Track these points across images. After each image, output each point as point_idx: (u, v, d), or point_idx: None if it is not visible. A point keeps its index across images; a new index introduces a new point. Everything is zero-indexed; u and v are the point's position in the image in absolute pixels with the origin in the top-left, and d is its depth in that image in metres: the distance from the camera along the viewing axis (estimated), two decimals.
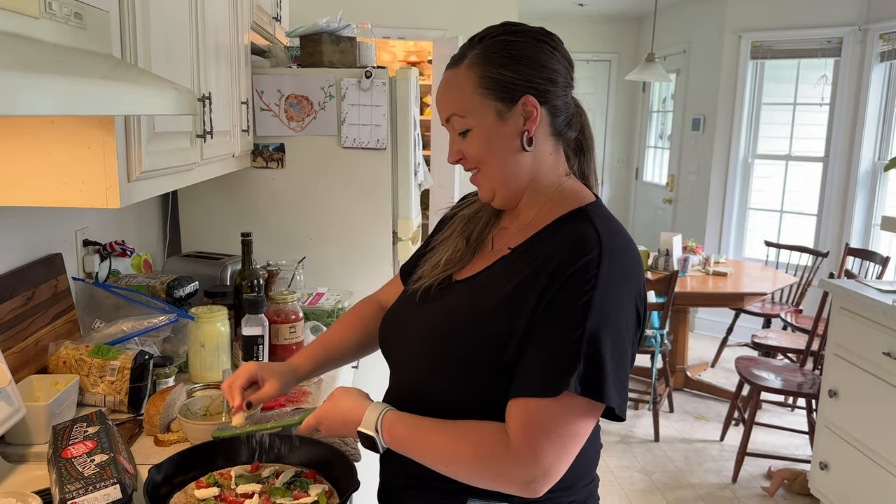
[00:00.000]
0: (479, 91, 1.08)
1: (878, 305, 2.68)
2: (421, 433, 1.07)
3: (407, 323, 1.21)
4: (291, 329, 1.90)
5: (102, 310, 1.77)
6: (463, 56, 1.11)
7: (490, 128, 1.09)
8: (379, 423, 1.09)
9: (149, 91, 1.07)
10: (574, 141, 1.17)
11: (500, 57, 1.08)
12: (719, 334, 5.23)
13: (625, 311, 1.02)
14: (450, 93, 1.12)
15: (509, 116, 1.08)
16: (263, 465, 1.29)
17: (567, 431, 0.99)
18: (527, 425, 0.99)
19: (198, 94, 1.66)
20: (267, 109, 2.40)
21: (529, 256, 1.08)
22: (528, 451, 0.98)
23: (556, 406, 0.98)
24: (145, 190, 1.42)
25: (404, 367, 1.20)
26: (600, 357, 0.98)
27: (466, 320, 1.09)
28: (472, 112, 1.09)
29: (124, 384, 1.56)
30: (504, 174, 1.11)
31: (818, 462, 3.08)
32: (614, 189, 7.44)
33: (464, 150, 1.12)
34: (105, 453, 1.22)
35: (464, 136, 1.11)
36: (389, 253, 2.57)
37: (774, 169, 5.52)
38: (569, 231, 1.07)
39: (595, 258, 1.00)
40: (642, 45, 6.70)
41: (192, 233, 2.52)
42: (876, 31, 4.74)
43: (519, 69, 1.08)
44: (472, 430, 1.04)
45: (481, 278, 1.14)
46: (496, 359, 1.04)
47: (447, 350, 1.09)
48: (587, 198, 1.14)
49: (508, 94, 1.08)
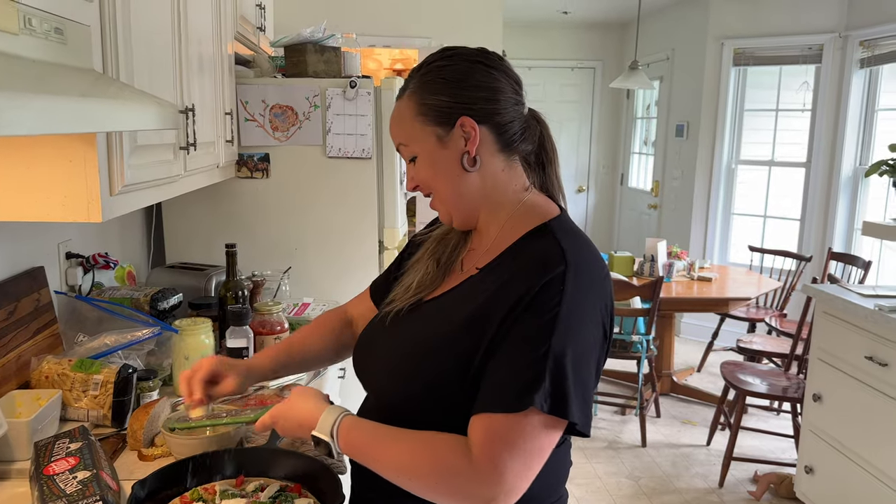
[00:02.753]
0: (419, 118, 1.11)
1: (860, 310, 2.71)
2: (378, 441, 1.05)
3: (377, 346, 1.21)
4: (276, 340, 1.89)
5: (85, 323, 1.76)
6: (406, 87, 1.15)
7: (432, 153, 1.12)
8: (335, 428, 1.07)
9: (130, 106, 1.06)
10: (533, 154, 1.16)
11: (434, 83, 1.11)
12: (705, 339, 5.26)
13: (590, 327, 1.02)
14: (395, 123, 1.16)
15: (448, 140, 1.10)
16: (248, 479, 1.28)
17: (530, 448, 0.97)
18: (490, 441, 0.97)
19: (181, 106, 1.66)
20: (251, 120, 2.40)
21: (495, 275, 1.08)
22: (490, 467, 0.96)
23: (520, 422, 0.96)
24: (128, 203, 1.41)
25: (376, 390, 1.20)
26: (565, 373, 0.97)
27: (434, 341, 1.09)
28: (414, 139, 1.13)
29: (108, 398, 1.55)
30: (453, 196, 1.14)
31: (803, 466, 3.10)
32: (600, 195, 7.47)
33: (415, 176, 1.16)
34: (88, 470, 1.21)
35: (413, 162, 1.15)
36: (375, 262, 2.57)
37: (758, 174, 5.56)
38: (532, 249, 1.07)
39: (560, 275, 1.00)
40: (626, 52, 6.75)
41: (176, 244, 2.50)
42: (856, 39, 4.80)
43: (453, 92, 1.10)
44: (431, 442, 1.02)
45: (449, 299, 1.14)
46: (461, 378, 1.03)
47: (416, 372, 1.09)
48: (551, 212, 1.13)
49: (445, 118, 1.10)
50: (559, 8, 6.17)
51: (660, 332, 4.53)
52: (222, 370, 1.29)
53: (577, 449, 3.70)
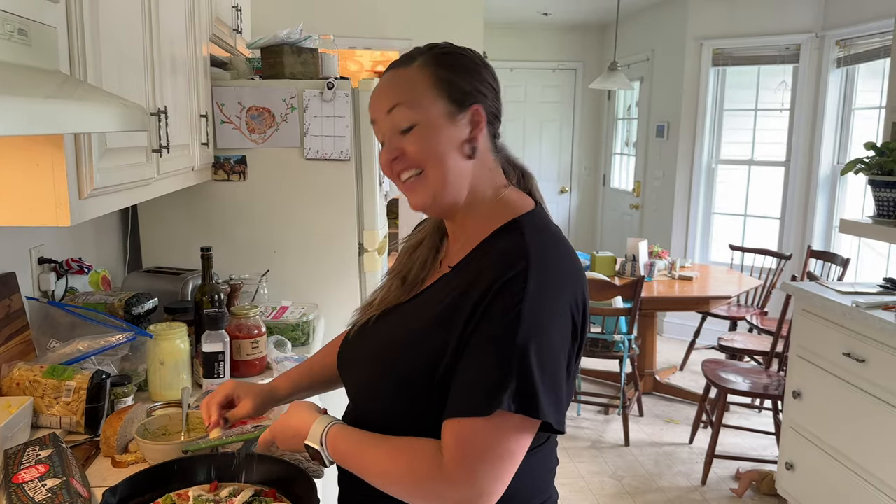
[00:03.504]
0: (433, 89, 1.07)
1: (838, 307, 2.73)
2: (361, 448, 1.07)
3: (355, 346, 1.21)
4: (254, 344, 1.88)
5: (58, 329, 1.74)
6: (413, 57, 1.10)
7: (438, 125, 1.06)
8: (324, 437, 1.09)
9: (95, 108, 1.05)
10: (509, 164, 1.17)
11: (452, 64, 1.09)
12: (687, 337, 5.29)
13: (558, 323, 0.99)
14: (397, 86, 1.09)
15: (458, 120, 1.07)
16: (222, 484, 1.27)
17: (502, 451, 0.96)
18: (459, 446, 0.96)
19: (153, 108, 1.64)
20: (228, 122, 2.38)
21: (464, 273, 1.07)
22: (461, 472, 0.95)
23: (488, 425, 0.95)
24: (98, 207, 1.39)
25: (353, 391, 1.20)
26: (532, 372, 0.95)
27: (403, 341, 1.09)
28: (422, 106, 1.06)
29: (80, 405, 1.53)
30: (447, 177, 1.07)
31: (784, 462, 3.12)
32: (582, 196, 7.49)
33: (405, 148, 1.07)
34: (57, 477, 1.20)
35: (406, 132, 1.07)
36: (356, 264, 2.56)
37: (737, 174, 5.60)
38: (499, 245, 1.06)
39: (522, 271, 0.98)
40: (606, 53, 6.77)
41: (153, 248, 2.48)
42: (832, 38, 4.85)
43: (469, 79, 1.09)
44: (407, 448, 1.03)
45: (422, 297, 1.14)
46: (431, 377, 1.03)
47: (385, 371, 1.09)
48: (523, 207, 1.12)
49: (461, 99, 1.07)
50: (539, 9, 6.19)
51: (642, 331, 4.54)
52: (238, 393, 1.31)
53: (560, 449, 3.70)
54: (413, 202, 1.11)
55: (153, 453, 1.37)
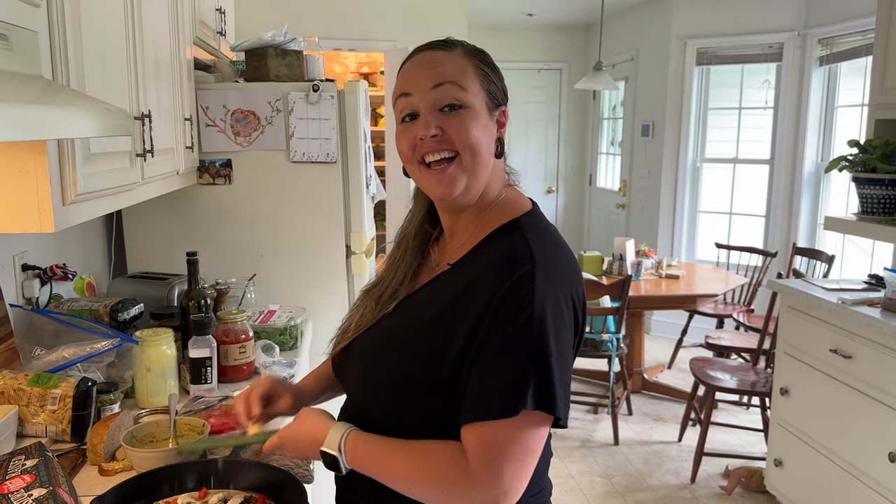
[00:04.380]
0: (478, 79, 1.09)
1: (824, 304, 2.75)
2: (383, 453, 1.06)
3: (352, 343, 1.20)
4: (241, 349, 1.86)
5: (43, 336, 1.71)
6: (453, 43, 1.11)
7: (482, 114, 1.08)
8: (342, 443, 1.07)
9: (78, 113, 1.03)
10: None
11: (489, 63, 1.12)
12: (674, 336, 5.31)
13: (565, 321, 1.02)
14: (446, 65, 1.06)
15: (493, 116, 1.11)
16: (211, 491, 1.25)
17: (524, 448, 0.98)
18: (485, 449, 0.98)
19: (136, 112, 1.63)
20: (212, 125, 2.37)
21: (465, 273, 1.07)
22: (487, 474, 0.97)
23: (512, 426, 0.97)
24: (82, 213, 1.38)
25: (350, 389, 1.20)
26: (549, 370, 0.97)
27: (401, 339, 1.09)
28: (471, 91, 1.07)
29: (66, 413, 1.51)
30: (479, 168, 1.07)
31: (773, 459, 3.14)
32: (569, 196, 7.51)
33: (447, 128, 1.04)
34: (44, 487, 1.18)
35: (452, 109, 1.04)
36: (343, 267, 2.55)
37: (722, 172, 5.64)
38: (500, 245, 1.06)
39: (529, 271, 1.00)
40: (591, 53, 6.80)
41: (138, 253, 2.46)
42: (814, 37, 4.89)
43: (497, 79, 1.12)
44: (431, 452, 1.03)
45: (421, 295, 1.14)
46: (432, 378, 1.03)
47: (382, 370, 1.09)
48: (523, 207, 1.13)
49: (496, 96, 1.11)
50: (524, 10, 6.20)
51: (630, 330, 4.56)
52: (279, 389, 1.29)
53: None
54: (441, 189, 1.07)
55: (141, 461, 1.36)
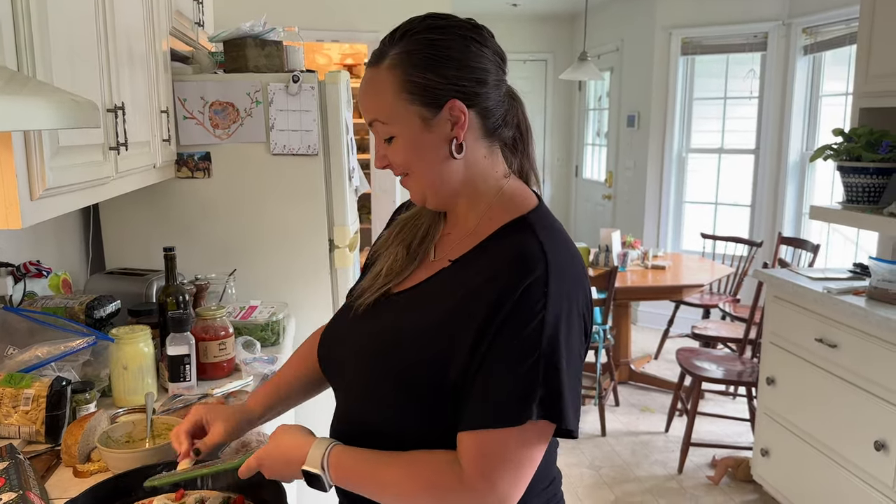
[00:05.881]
0: (402, 96, 1.00)
1: (809, 293, 2.75)
2: (371, 465, 1.01)
3: (344, 341, 1.14)
4: (221, 346, 1.83)
5: (15, 335, 1.67)
6: (384, 54, 1.03)
7: (415, 136, 1.02)
8: (325, 460, 1.02)
9: (42, 104, 0.99)
10: (511, 138, 1.10)
11: (423, 58, 1.00)
12: (661, 326, 5.31)
13: (575, 327, 0.98)
14: (371, 96, 1.04)
15: (435, 123, 1.01)
16: (188, 492, 1.22)
17: (524, 458, 0.95)
18: (483, 457, 0.94)
19: (109, 104, 1.58)
20: (190, 117, 2.32)
21: (471, 271, 1.02)
22: (483, 482, 0.94)
23: (514, 435, 0.94)
24: (52, 208, 1.34)
25: (343, 389, 1.14)
26: (558, 379, 0.94)
27: (403, 337, 1.03)
28: (395, 119, 1.02)
29: (40, 413, 1.47)
30: (433, 181, 1.05)
31: (759, 449, 3.14)
32: (555, 187, 7.50)
33: (389, 157, 1.06)
34: (13, 491, 1.15)
35: (389, 142, 1.04)
36: (326, 261, 2.51)
37: (708, 162, 5.64)
38: (511, 245, 1.01)
39: (542, 276, 0.95)
40: (576, 43, 6.77)
41: (116, 248, 2.41)
42: (798, 26, 4.88)
43: (444, 72, 1.00)
44: (424, 462, 0.98)
45: (420, 291, 1.08)
46: (436, 379, 0.98)
47: (383, 369, 1.03)
48: (529, 202, 1.08)
49: (433, 100, 1.00)
50: (508, 0, 6.16)
51: (616, 321, 4.56)
52: (208, 418, 1.23)
53: None
54: (414, 198, 1.12)
55: (116, 462, 1.32)
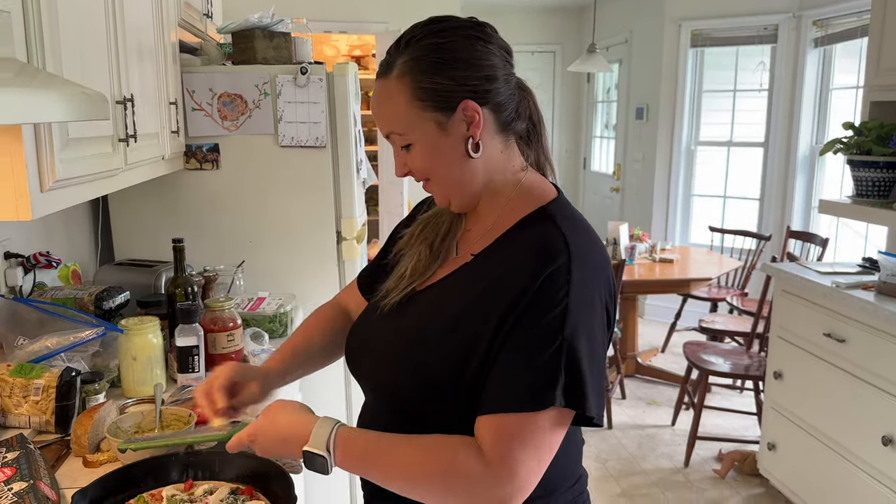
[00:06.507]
0: (415, 104, 1.02)
1: (818, 287, 2.74)
2: (381, 450, 1.00)
3: (370, 339, 1.16)
4: (229, 337, 1.83)
5: (25, 326, 1.68)
6: (391, 64, 1.05)
7: (432, 141, 1.04)
8: (332, 441, 1.00)
9: (52, 97, 1.00)
10: (524, 130, 1.12)
11: (430, 62, 1.02)
12: (668, 320, 5.30)
13: (597, 314, 0.99)
14: (384, 108, 1.06)
15: (450, 125, 1.03)
16: (197, 482, 1.23)
17: (545, 444, 0.95)
18: (503, 441, 0.94)
19: (118, 96, 1.59)
20: (199, 109, 2.32)
21: (493, 263, 1.04)
22: (502, 468, 0.93)
23: (534, 420, 0.94)
24: (62, 199, 1.34)
25: (371, 388, 1.15)
26: (580, 365, 0.94)
27: (428, 333, 1.05)
28: (411, 128, 1.04)
29: (50, 403, 1.48)
30: (455, 183, 1.07)
31: (766, 443, 3.13)
32: (563, 179, 7.46)
33: (409, 164, 1.08)
34: (24, 480, 1.16)
35: (406, 149, 1.07)
36: (334, 253, 2.51)
37: (717, 155, 5.61)
38: (532, 235, 1.03)
39: (564, 264, 0.96)
40: (585, 35, 6.74)
41: (125, 240, 2.42)
42: (809, 18, 4.85)
43: (453, 74, 1.02)
44: (438, 447, 0.98)
45: (443, 287, 1.09)
46: (461, 370, 0.99)
47: (409, 366, 1.04)
48: (548, 194, 1.10)
49: (446, 103, 1.02)
50: None
51: (623, 314, 4.55)
52: (244, 375, 1.23)
53: None
54: (437, 201, 1.14)
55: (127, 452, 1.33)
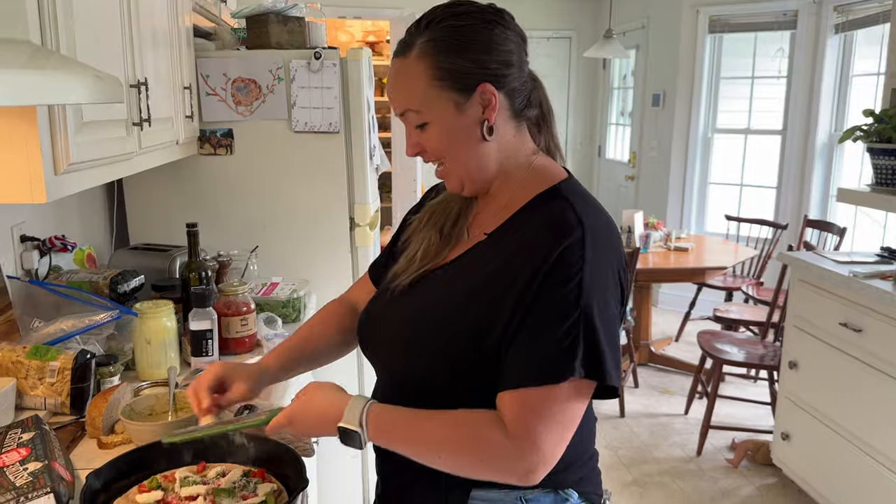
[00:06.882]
0: (434, 83, 1.04)
1: (835, 277, 2.71)
2: (411, 423, 1.03)
3: (383, 321, 1.17)
4: (243, 321, 1.84)
5: (41, 309, 1.70)
6: (411, 44, 1.06)
7: (449, 121, 1.06)
8: (364, 417, 1.02)
9: (65, 79, 1.00)
10: (535, 117, 1.14)
11: (450, 44, 1.04)
12: (682, 309, 5.27)
13: (611, 288, 1.01)
14: (402, 86, 1.08)
15: (467, 107, 1.05)
16: (210, 465, 1.24)
17: (567, 416, 0.98)
18: (527, 414, 0.96)
19: (132, 80, 1.59)
20: (213, 94, 2.32)
21: (506, 241, 1.05)
22: (526, 440, 0.96)
23: (555, 392, 0.96)
24: (76, 183, 1.35)
25: (387, 367, 1.17)
26: (597, 337, 0.97)
27: (443, 310, 1.06)
28: (429, 106, 1.05)
29: (65, 385, 1.50)
30: (469, 165, 1.09)
31: (780, 433, 3.12)
32: (577, 167, 7.43)
33: (423, 144, 1.09)
34: (39, 461, 1.17)
35: (421, 128, 1.08)
36: (346, 239, 2.51)
37: (734, 143, 5.55)
38: (546, 212, 1.05)
39: (579, 239, 0.99)
40: (601, 21, 6.67)
41: (140, 224, 2.43)
42: (830, 4, 4.77)
43: (472, 56, 1.04)
44: (467, 419, 1.00)
45: (457, 266, 1.11)
46: (476, 347, 1.01)
47: (425, 343, 1.06)
48: (559, 175, 1.12)
49: (464, 84, 1.04)
50: None
51: (637, 302, 4.53)
52: (230, 375, 1.23)
53: None
54: (449, 185, 1.15)
55: (139, 434, 1.34)
